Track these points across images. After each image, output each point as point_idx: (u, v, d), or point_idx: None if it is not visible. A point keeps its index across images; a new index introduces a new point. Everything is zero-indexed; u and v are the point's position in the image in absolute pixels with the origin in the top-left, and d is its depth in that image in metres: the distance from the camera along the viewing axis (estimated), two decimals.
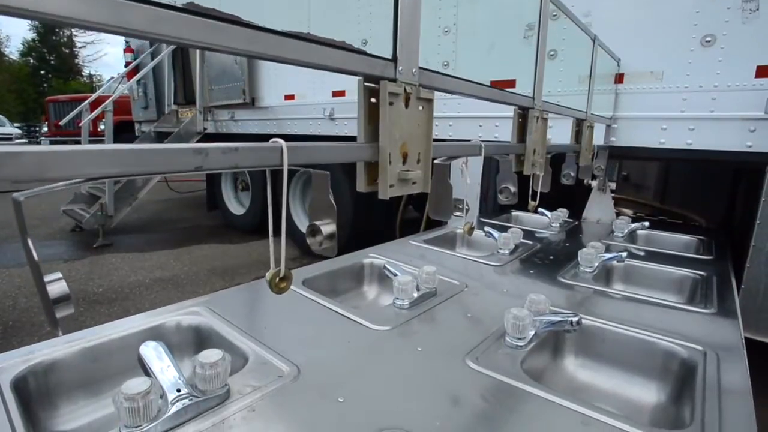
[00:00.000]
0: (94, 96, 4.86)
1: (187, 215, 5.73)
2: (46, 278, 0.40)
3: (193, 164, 0.46)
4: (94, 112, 4.13)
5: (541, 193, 1.50)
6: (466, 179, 1.02)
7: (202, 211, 5.59)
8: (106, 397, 0.92)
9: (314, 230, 0.65)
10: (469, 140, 1.06)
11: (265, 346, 0.94)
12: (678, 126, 2.15)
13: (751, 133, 1.99)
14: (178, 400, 0.71)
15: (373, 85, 0.72)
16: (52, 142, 8.52)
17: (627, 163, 4.81)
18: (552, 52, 1.81)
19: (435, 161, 0.95)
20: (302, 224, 4.10)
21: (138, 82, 5.58)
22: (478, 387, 0.84)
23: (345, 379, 0.85)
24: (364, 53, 0.66)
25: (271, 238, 0.59)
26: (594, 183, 2.16)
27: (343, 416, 0.73)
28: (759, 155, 1.98)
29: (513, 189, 1.19)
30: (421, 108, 0.80)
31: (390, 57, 0.71)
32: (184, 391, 0.72)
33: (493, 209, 2.62)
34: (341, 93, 3.53)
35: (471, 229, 1.11)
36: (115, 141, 4.63)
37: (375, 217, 3.69)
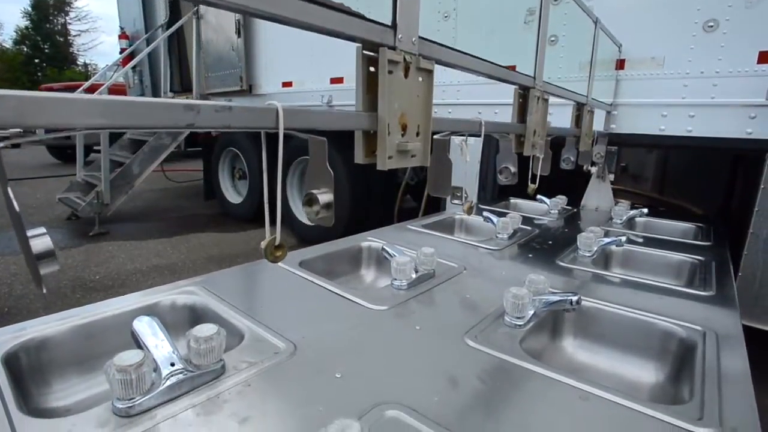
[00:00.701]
0: (87, 83, 4.79)
1: (184, 204, 5.70)
2: (29, 233, 0.38)
3: (185, 121, 0.45)
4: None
5: (540, 177, 1.48)
6: (466, 157, 1.00)
7: (199, 200, 5.56)
8: (100, 374, 0.91)
9: (311, 199, 0.64)
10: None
11: (261, 324, 0.93)
12: (678, 113, 2.14)
13: (751, 120, 1.98)
14: (172, 375, 0.70)
15: (371, 53, 0.70)
16: (47, 132, 8.41)
17: (625, 154, 4.80)
18: (552, 38, 1.78)
19: (435, 137, 0.94)
20: (300, 214, 4.08)
21: (133, 69, 5.50)
22: (477, 364, 0.83)
23: (342, 356, 0.84)
24: (363, 17, 0.64)
25: (266, 204, 0.57)
26: (593, 170, 2.15)
27: (341, 391, 0.73)
28: (759, 142, 1.97)
29: (513, 169, 1.18)
30: (420, 79, 0.78)
31: (389, 23, 0.69)
32: (178, 365, 0.71)
33: (491, 197, 2.60)
34: (339, 80, 3.49)
35: (471, 208, 1.10)
36: (111, 132, 4.56)
37: (372, 206, 3.67)
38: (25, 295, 2.88)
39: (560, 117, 1.80)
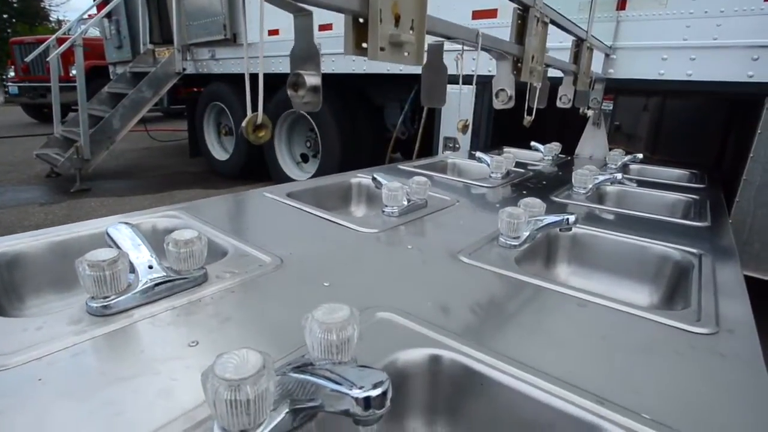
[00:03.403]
0: (61, 31, 4.52)
1: (169, 162, 5.55)
2: None
3: None
4: (64, 45, 3.84)
5: (535, 126, 1.43)
6: (461, 71, 0.94)
7: (185, 158, 5.42)
8: (80, 292, 0.86)
9: (297, 83, 0.58)
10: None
11: (246, 241, 0.89)
12: (679, 56, 2.07)
13: (753, 63, 1.93)
14: (150, 279, 0.65)
15: None
16: (20, 89, 8.01)
17: (619, 113, 4.75)
18: None
19: (429, 44, 0.87)
20: (288, 168, 3.99)
21: (109, 19, 5.20)
22: (472, 277, 0.80)
23: (331, 269, 0.80)
24: None
25: (246, 74, 0.51)
26: (589, 113, 2.10)
27: (329, 297, 0.69)
28: (759, 86, 1.92)
29: (510, 92, 1.12)
30: None
31: None
32: (157, 268, 0.67)
33: (484, 145, 2.55)
34: (328, 26, 3.32)
35: (465, 127, 1.04)
36: (88, 87, 4.33)
37: (362, 161, 3.60)
38: None
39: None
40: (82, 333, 0.56)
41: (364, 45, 0.68)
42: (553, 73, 1.59)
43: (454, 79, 1.05)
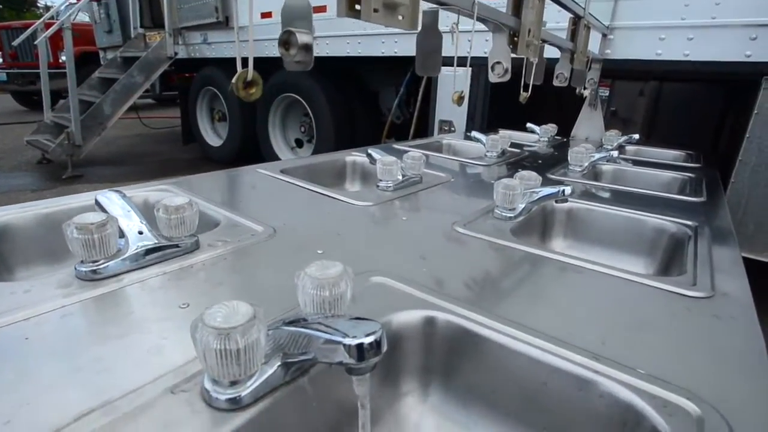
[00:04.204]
0: (48, 15, 4.41)
1: (162, 149, 5.48)
2: None
3: None
4: (52, 27, 3.76)
5: (532, 106, 1.41)
6: (456, 42, 0.92)
7: (178, 145, 5.35)
8: (69, 264, 0.85)
9: (288, 41, 0.56)
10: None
11: (238, 212, 0.88)
12: (677, 35, 2.06)
13: (751, 42, 1.91)
14: (140, 244, 0.64)
15: None
16: (9, 76, 7.85)
17: (616, 99, 4.74)
18: None
19: (424, 10, 0.85)
20: (282, 153, 3.96)
21: (98, 2, 5.09)
22: (467, 245, 0.80)
23: (324, 237, 0.79)
24: None
25: (236, 29, 0.50)
26: (586, 92, 2.09)
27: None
28: (757, 65, 1.91)
29: (506, 65, 1.10)
30: None
31: None
32: (147, 234, 0.66)
33: (480, 127, 2.53)
34: (322, 9, 3.27)
35: (461, 98, 1.03)
36: (79, 74, 4.25)
37: (357, 146, 3.57)
38: None
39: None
40: (70, 296, 0.55)
41: (358, 7, 0.67)
42: (550, 54, 1.58)
43: (449, 61, 1.04)
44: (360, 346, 0.35)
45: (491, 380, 0.53)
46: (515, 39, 1.20)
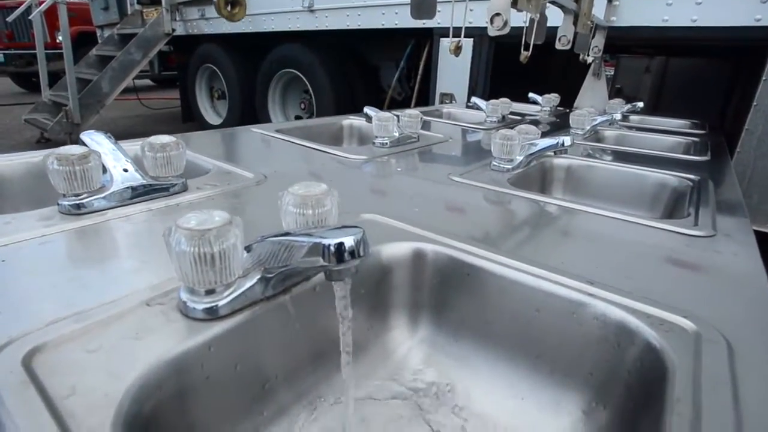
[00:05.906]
0: None
1: (162, 129, 5.43)
2: None
3: None
4: (46, 2, 3.69)
5: (533, 76, 1.36)
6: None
7: (178, 124, 5.32)
8: None
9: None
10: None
11: (229, 162, 0.86)
12: (684, 0, 1.99)
13: (762, 5, 1.85)
14: (126, 181, 0.62)
15: None
16: (6, 57, 7.76)
17: (621, 76, 4.66)
18: None
19: None
20: None
21: None
22: (463, 192, 0.78)
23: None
24: None
25: None
26: (589, 59, 2.03)
27: None
28: (766, 30, 1.85)
29: (505, 17, 1.07)
30: None
31: None
32: (132, 173, 0.64)
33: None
34: None
35: (458, 48, 1.00)
36: (76, 54, 4.18)
37: None
38: None
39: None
40: (51, 227, 0.54)
41: None
42: (553, 22, 1.52)
43: (448, 32, 1.00)
44: (340, 245, 0.34)
45: (483, 311, 0.52)
46: None
